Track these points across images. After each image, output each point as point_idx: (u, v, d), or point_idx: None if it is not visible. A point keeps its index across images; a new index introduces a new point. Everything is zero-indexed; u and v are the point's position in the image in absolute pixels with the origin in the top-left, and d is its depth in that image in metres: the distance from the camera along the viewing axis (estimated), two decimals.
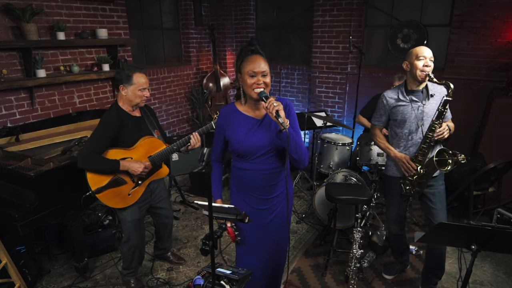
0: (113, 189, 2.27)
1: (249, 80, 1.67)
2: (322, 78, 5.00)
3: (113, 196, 2.28)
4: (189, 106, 5.58)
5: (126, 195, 2.33)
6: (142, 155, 2.34)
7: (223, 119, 1.82)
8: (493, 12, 3.71)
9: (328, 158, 3.81)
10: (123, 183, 2.30)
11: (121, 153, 2.27)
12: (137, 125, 2.33)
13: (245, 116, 1.79)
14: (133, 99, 2.26)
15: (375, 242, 3.05)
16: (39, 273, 2.75)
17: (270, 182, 1.84)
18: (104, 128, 2.21)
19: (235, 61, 1.76)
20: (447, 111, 2.22)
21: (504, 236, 1.50)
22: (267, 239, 1.94)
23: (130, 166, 2.24)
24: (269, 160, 1.79)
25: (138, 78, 2.23)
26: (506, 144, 3.44)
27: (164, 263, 2.95)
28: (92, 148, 2.18)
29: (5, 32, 3.26)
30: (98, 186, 2.23)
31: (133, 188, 2.35)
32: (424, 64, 2.15)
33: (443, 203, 2.35)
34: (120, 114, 2.25)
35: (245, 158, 1.79)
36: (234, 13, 5.65)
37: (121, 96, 2.28)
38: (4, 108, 3.35)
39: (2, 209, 2.27)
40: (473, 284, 2.69)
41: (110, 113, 2.25)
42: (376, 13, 4.60)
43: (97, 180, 2.23)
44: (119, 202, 2.32)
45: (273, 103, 1.57)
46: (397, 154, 2.34)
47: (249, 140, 1.75)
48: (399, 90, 2.32)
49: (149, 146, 2.36)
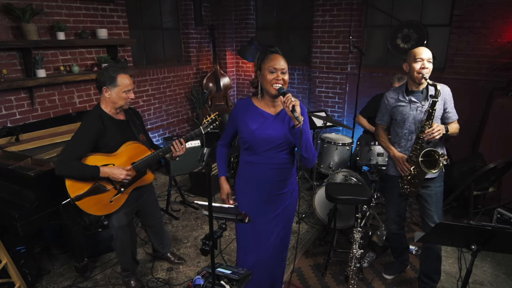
0: (94, 196, 2.17)
1: (268, 76, 1.76)
2: (322, 78, 5.00)
3: (94, 203, 2.19)
4: (189, 106, 5.58)
5: (108, 202, 2.23)
6: (125, 161, 2.22)
7: (238, 111, 1.90)
8: (493, 12, 3.71)
9: (328, 158, 3.81)
10: (104, 191, 2.20)
11: (102, 159, 2.16)
12: (121, 129, 2.23)
13: (260, 111, 1.86)
14: (117, 101, 2.16)
15: (375, 242, 3.05)
16: (39, 273, 2.75)
17: (278, 177, 1.89)
18: (85, 132, 2.10)
19: (255, 60, 1.85)
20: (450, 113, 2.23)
21: (504, 236, 1.50)
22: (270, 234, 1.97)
23: (111, 172, 2.12)
24: (278, 154, 1.85)
25: (123, 80, 2.14)
26: (506, 144, 3.44)
27: (164, 263, 2.95)
28: (70, 153, 2.07)
29: (5, 32, 3.26)
30: (77, 193, 2.12)
31: (115, 196, 2.25)
32: (421, 66, 2.16)
33: (438, 204, 2.35)
34: (102, 117, 2.15)
35: (254, 151, 1.86)
36: (234, 13, 5.65)
37: (104, 99, 2.16)
38: (4, 108, 3.36)
39: (2, 209, 2.27)
40: (473, 284, 2.69)
41: (91, 116, 2.14)
42: (376, 13, 4.59)
43: (76, 187, 2.12)
44: (101, 209, 2.22)
45: (291, 98, 1.64)
46: (396, 153, 2.36)
47: (261, 132, 1.82)
48: (400, 90, 2.34)
49: (133, 152, 2.26)
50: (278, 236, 2.01)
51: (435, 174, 2.29)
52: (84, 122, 2.14)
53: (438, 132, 2.14)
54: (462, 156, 3.74)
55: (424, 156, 2.19)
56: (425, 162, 2.19)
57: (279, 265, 2.13)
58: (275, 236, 1.99)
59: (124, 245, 2.45)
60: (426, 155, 2.19)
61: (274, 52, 1.80)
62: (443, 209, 2.46)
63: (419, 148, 2.23)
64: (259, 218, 1.92)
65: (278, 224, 1.98)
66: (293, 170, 1.97)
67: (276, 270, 2.12)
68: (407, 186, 2.35)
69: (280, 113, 1.86)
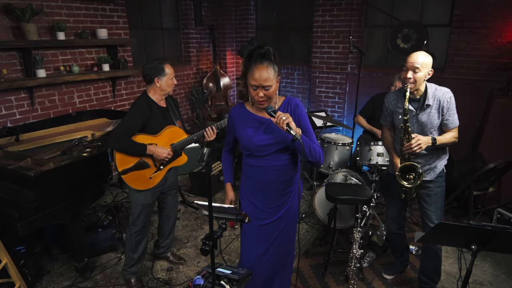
0: (137, 172, 2.42)
1: (252, 92, 1.70)
2: (322, 78, 5.00)
3: (136, 178, 2.43)
4: (189, 106, 5.58)
5: (148, 178, 2.47)
6: (165, 142, 2.50)
7: (233, 119, 1.89)
8: (493, 12, 3.71)
9: (328, 158, 3.81)
10: (146, 167, 2.45)
11: (147, 138, 2.42)
12: (163, 114, 2.49)
13: (255, 116, 1.83)
14: (165, 89, 2.43)
15: (375, 242, 3.05)
16: (39, 273, 2.75)
17: (281, 179, 1.88)
18: (135, 115, 2.37)
19: (243, 62, 1.73)
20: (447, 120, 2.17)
21: (504, 236, 1.50)
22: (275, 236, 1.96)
23: (155, 150, 2.40)
24: (280, 157, 1.84)
25: (168, 69, 2.41)
26: (506, 144, 3.44)
27: (164, 263, 2.95)
28: (123, 131, 2.34)
29: (5, 32, 3.26)
30: (124, 167, 2.37)
31: (155, 172, 2.49)
32: (405, 76, 2.10)
33: (438, 204, 2.34)
34: (150, 104, 2.42)
35: (256, 156, 1.84)
36: (234, 13, 5.65)
37: (153, 88, 2.42)
38: (4, 108, 3.36)
39: (2, 209, 2.26)
40: (473, 284, 2.69)
41: (140, 102, 2.41)
42: (376, 13, 4.60)
43: (124, 162, 2.38)
44: (141, 184, 2.45)
45: (282, 117, 1.58)
46: (394, 159, 2.36)
47: (259, 138, 1.79)
48: (400, 95, 2.27)
49: (172, 135, 2.53)
50: (282, 238, 1.99)
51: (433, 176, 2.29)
52: (135, 106, 2.40)
53: (418, 146, 2.09)
54: (462, 156, 3.74)
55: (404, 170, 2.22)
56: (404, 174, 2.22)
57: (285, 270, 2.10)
58: (280, 237, 1.98)
59: (141, 227, 2.54)
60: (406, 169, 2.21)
61: (264, 57, 1.66)
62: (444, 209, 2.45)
63: (407, 159, 2.22)
64: (264, 220, 1.92)
65: (282, 225, 1.97)
66: (297, 168, 1.94)
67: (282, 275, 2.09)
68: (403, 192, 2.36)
69: None
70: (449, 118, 2.17)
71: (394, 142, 2.44)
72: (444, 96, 2.14)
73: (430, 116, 2.17)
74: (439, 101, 2.15)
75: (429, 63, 2.11)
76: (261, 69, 1.64)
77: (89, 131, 3.13)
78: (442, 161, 2.31)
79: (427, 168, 2.29)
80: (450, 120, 2.17)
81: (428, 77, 2.14)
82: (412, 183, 2.22)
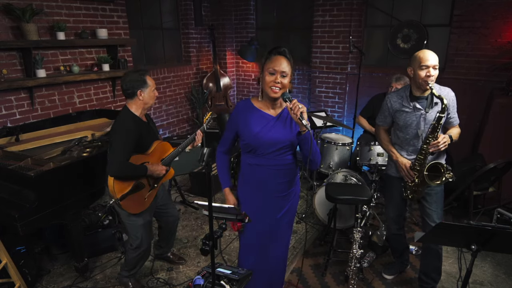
0: (134, 195, 2.29)
1: (267, 77, 1.71)
2: (322, 78, 5.00)
3: (133, 201, 2.30)
4: (189, 106, 5.58)
5: (143, 199, 2.37)
6: (156, 159, 2.42)
7: (238, 113, 1.86)
8: (493, 12, 3.70)
9: (328, 158, 3.81)
10: (142, 187, 2.34)
11: (140, 158, 2.30)
12: (148, 130, 2.38)
13: (261, 113, 1.83)
14: (148, 101, 2.30)
15: (375, 242, 3.05)
16: (39, 273, 2.75)
17: (283, 179, 1.88)
18: (127, 136, 2.20)
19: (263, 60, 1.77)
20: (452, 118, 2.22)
21: (504, 236, 1.50)
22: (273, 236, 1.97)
23: (154, 169, 2.31)
24: (281, 156, 1.83)
25: (150, 80, 2.29)
26: (506, 144, 3.44)
27: (164, 263, 2.95)
28: (122, 156, 2.17)
29: (5, 32, 3.26)
30: (122, 193, 2.22)
31: (149, 192, 2.40)
32: (426, 74, 2.10)
33: (439, 203, 2.34)
34: (136, 121, 2.27)
35: (257, 153, 1.83)
36: (234, 13, 5.65)
37: (135, 102, 2.27)
38: (4, 108, 3.36)
39: (2, 209, 2.26)
40: (473, 284, 2.69)
41: (126, 121, 2.24)
42: (376, 13, 4.59)
43: (121, 187, 2.22)
44: (138, 207, 2.34)
45: (298, 105, 1.61)
46: (399, 159, 2.32)
47: (264, 135, 1.79)
48: (404, 94, 2.27)
49: (161, 150, 2.45)
50: (280, 237, 2.01)
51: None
52: (123, 125, 2.22)
53: (444, 144, 2.11)
54: (462, 156, 3.74)
55: (430, 169, 2.17)
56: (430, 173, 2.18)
57: (280, 266, 2.13)
58: (278, 237, 1.99)
59: (147, 244, 2.47)
60: (431, 168, 2.17)
61: (281, 53, 1.74)
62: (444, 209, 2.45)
63: (423, 158, 2.19)
64: (263, 220, 1.91)
65: (280, 225, 1.98)
66: (297, 170, 1.95)
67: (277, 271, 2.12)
68: (410, 191, 2.34)
69: (281, 114, 1.83)
70: (454, 116, 2.24)
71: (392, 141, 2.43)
72: (449, 94, 2.19)
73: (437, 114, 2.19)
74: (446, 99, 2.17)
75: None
76: (280, 58, 1.71)
77: (89, 131, 3.13)
78: (443, 160, 2.32)
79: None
80: (455, 118, 2.25)
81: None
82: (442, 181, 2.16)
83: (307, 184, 4.44)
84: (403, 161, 2.30)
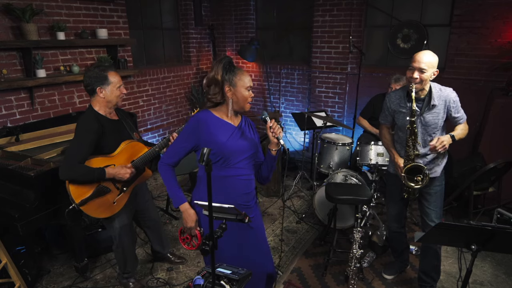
0: (98, 199, 2.16)
1: (246, 93, 1.78)
2: (322, 78, 5.00)
3: (98, 206, 2.18)
4: (189, 106, 5.58)
5: (111, 203, 2.24)
6: (124, 160, 2.24)
7: (199, 125, 1.78)
8: (493, 12, 3.70)
9: (328, 158, 3.81)
10: (107, 192, 2.20)
11: (103, 160, 2.16)
12: (116, 128, 2.24)
13: (224, 122, 1.82)
14: (112, 99, 2.17)
15: (375, 242, 3.05)
16: (39, 273, 2.75)
17: (247, 189, 1.88)
18: (85, 135, 2.08)
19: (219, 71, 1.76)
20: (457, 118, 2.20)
21: (504, 236, 1.50)
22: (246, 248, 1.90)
23: (116, 173, 2.15)
24: (247, 165, 1.85)
25: (113, 77, 2.15)
26: (506, 144, 3.44)
27: (164, 263, 2.95)
28: (74, 157, 2.04)
29: (5, 32, 3.26)
30: (82, 198, 2.10)
31: (118, 196, 2.27)
32: (410, 75, 2.10)
33: (438, 203, 2.34)
34: (99, 119, 2.14)
35: (226, 163, 1.79)
36: (234, 13, 5.65)
37: (97, 100, 2.16)
38: (4, 108, 3.36)
39: (2, 209, 2.27)
40: (473, 284, 2.69)
41: (87, 119, 2.12)
42: (376, 13, 4.59)
43: (81, 192, 2.10)
44: (104, 211, 2.22)
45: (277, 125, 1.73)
46: (396, 159, 2.35)
47: (233, 143, 1.79)
48: (402, 94, 2.26)
49: (131, 151, 2.28)
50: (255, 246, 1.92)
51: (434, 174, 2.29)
52: (82, 125, 2.11)
53: (443, 147, 2.10)
54: (462, 156, 3.74)
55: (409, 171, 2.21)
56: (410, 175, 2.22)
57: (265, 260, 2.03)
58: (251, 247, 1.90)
59: (127, 246, 2.45)
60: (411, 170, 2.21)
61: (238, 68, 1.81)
62: (444, 209, 2.45)
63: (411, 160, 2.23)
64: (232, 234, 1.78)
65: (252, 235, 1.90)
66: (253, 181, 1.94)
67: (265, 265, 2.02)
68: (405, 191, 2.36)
69: (241, 125, 1.86)
70: (458, 115, 2.23)
71: (393, 141, 2.44)
72: (450, 96, 2.16)
73: (434, 116, 2.18)
74: (445, 101, 2.16)
75: (435, 63, 2.11)
76: (246, 73, 1.81)
77: None
78: (444, 159, 2.33)
79: (430, 167, 2.29)
80: (460, 116, 2.24)
81: (433, 77, 2.14)
82: (420, 185, 2.21)
83: (307, 184, 4.45)
84: (398, 161, 2.32)
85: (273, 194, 4.16)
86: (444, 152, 2.30)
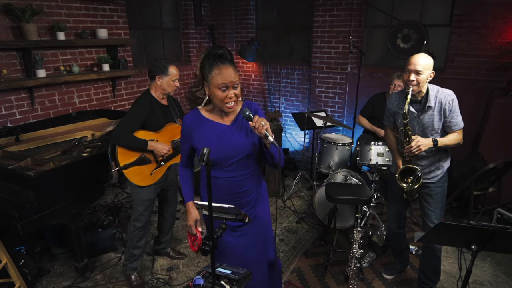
0: (138, 167, 2.47)
1: (220, 94, 1.57)
2: (322, 78, 5.00)
3: (137, 173, 2.47)
4: (189, 106, 5.57)
5: (149, 174, 2.52)
6: (166, 139, 2.56)
7: (189, 128, 1.72)
8: (493, 12, 3.70)
9: (328, 158, 3.81)
10: (148, 162, 2.50)
11: (148, 134, 2.48)
12: (164, 112, 2.56)
13: (213, 123, 1.70)
14: (166, 88, 2.50)
15: (375, 242, 3.05)
16: (39, 273, 2.75)
17: (238, 189, 1.75)
18: (137, 112, 2.43)
19: (199, 64, 1.63)
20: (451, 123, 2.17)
21: (504, 236, 1.50)
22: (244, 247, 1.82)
23: (156, 146, 2.46)
24: (239, 166, 1.71)
25: (172, 70, 2.48)
26: (506, 144, 3.44)
27: (164, 263, 2.95)
28: (125, 127, 2.40)
29: (5, 32, 3.26)
30: (126, 162, 2.42)
31: (156, 169, 2.54)
32: (407, 78, 2.11)
33: (438, 204, 2.34)
34: (151, 101, 2.48)
35: (216, 167, 1.70)
36: (234, 13, 5.65)
37: (155, 85, 2.49)
38: (4, 108, 3.35)
39: (2, 209, 2.26)
40: (473, 284, 2.69)
41: (143, 99, 2.48)
42: (376, 13, 4.59)
43: (126, 157, 2.42)
44: (142, 180, 2.50)
45: (262, 123, 1.48)
46: (397, 160, 2.36)
47: (222, 148, 1.66)
48: (402, 96, 2.26)
49: (172, 132, 2.59)
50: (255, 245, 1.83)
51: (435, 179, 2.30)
52: (137, 103, 2.47)
53: (418, 148, 2.10)
54: (462, 156, 3.74)
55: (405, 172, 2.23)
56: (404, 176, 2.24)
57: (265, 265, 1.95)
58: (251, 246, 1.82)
59: (144, 222, 2.59)
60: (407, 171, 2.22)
61: (222, 58, 1.57)
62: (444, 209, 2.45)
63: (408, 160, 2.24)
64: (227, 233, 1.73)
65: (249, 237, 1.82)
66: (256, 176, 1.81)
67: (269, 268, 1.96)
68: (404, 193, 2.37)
69: (236, 120, 1.69)
70: (452, 120, 2.16)
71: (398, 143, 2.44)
72: (446, 98, 2.13)
73: (431, 118, 2.17)
74: (441, 103, 2.14)
75: (431, 65, 2.12)
76: (226, 68, 1.55)
77: (89, 131, 3.13)
78: (445, 163, 2.32)
79: (430, 170, 2.29)
80: (453, 122, 2.16)
81: (429, 79, 2.14)
82: (410, 186, 2.23)
83: (307, 184, 4.45)
84: (399, 163, 2.33)
85: (273, 194, 4.16)
86: (446, 155, 2.31)
